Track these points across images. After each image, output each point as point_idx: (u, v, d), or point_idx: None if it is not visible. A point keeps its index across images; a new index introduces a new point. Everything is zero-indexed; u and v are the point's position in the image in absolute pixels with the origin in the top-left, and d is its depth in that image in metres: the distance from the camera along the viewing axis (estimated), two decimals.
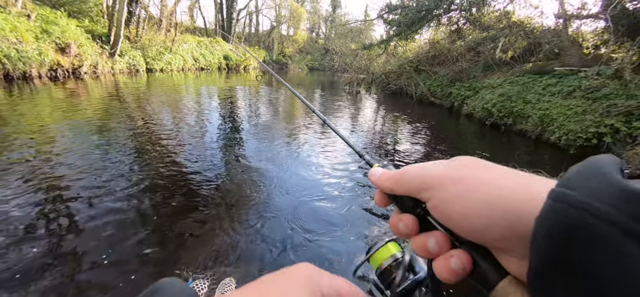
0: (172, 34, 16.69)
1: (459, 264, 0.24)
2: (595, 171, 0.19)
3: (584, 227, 0.17)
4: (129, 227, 2.31)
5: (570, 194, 0.18)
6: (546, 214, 0.19)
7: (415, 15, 11.15)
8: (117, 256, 2.00)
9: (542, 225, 0.19)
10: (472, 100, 8.37)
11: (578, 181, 0.18)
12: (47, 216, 2.36)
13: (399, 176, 0.29)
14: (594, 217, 0.16)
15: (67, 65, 10.25)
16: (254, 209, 2.71)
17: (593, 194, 0.17)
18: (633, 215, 0.16)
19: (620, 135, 4.69)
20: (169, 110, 6.79)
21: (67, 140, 4.10)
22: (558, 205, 0.18)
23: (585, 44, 7.99)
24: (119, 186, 2.92)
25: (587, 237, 0.17)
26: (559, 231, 0.18)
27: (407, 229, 0.28)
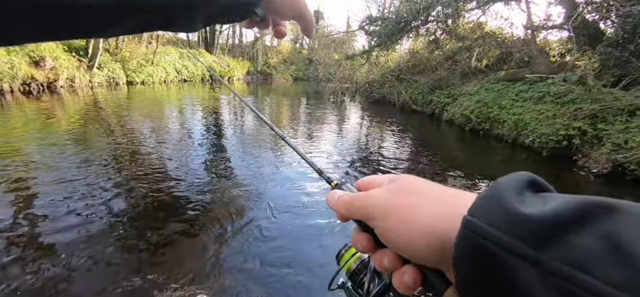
0: (154, 46, 16.43)
1: (410, 280, 0.27)
2: (495, 196, 0.22)
3: (483, 250, 0.20)
4: (101, 245, 2.25)
5: (473, 221, 0.21)
6: (458, 241, 0.22)
7: (395, 26, 11.55)
8: (88, 276, 1.95)
9: (456, 250, 0.22)
10: (452, 107, 8.71)
11: (480, 208, 0.22)
12: (19, 240, 2.27)
13: (349, 204, 0.31)
14: (489, 241, 0.20)
15: (42, 79, 9.87)
16: (232, 225, 2.70)
17: (489, 220, 0.20)
18: (519, 237, 0.19)
19: (588, 137, 5.02)
20: (148, 124, 6.66)
21: (39, 158, 3.94)
22: (466, 232, 0.21)
23: (552, 53, 8.55)
24: (94, 203, 2.84)
25: (485, 259, 0.20)
26: (465, 256, 0.21)
27: (364, 248, 0.31)
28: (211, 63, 21.49)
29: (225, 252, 2.24)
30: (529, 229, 0.19)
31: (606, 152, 4.49)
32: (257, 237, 2.46)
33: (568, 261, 0.17)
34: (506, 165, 5.27)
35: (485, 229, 0.20)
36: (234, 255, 2.23)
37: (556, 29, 8.40)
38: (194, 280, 1.95)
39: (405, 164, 4.83)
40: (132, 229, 2.47)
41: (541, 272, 0.17)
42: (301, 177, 3.80)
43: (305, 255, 2.29)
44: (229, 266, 2.11)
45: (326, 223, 2.73)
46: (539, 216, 0.19)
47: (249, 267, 2.10)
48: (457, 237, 0.22)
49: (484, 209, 0.21)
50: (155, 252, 2.19)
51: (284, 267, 2.14)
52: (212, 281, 1.95)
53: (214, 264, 2.12)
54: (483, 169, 4.76)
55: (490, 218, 0.20)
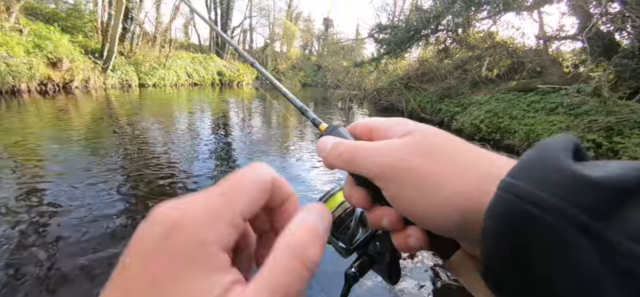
0: (166, 50, 16.80)
1: (416, 244, 0.25)
2: (545, 157, 0.18)
3: (529, 219, 0.16)
4: (112, 245, 2.27)
5: (517, 185, 0.17)
6: (493, 208, 0.18)
7: (405, 34, 11.56)
8: (100, 275, 1.96)
9: (491, 218, 0.18)
10: (461, 116, 8.62)
11: (526, 170, 0.18)
12: (33, 234, 2.31)
13: (350, 156, 0.25)
14: (539, 208, 0.16)
15: (58, 80, 10.17)
16: None
17: (540, 183, 0.16)
18: (580, 205, 0.15)
19: (603, 150, 4.89)
20: (159, 124, 6.77)
21: (53, 154, 4.04)
22: (505, 196, 0.17)
23: (565, 63, 8.41)
24: (105, 202, 2.88)
25: (533, 230, 0.16)
26: (504, 225, 0.17)
27: (360, 205, 0.27)
28: (221, 68, 21.83)
29: None
30: (594, 196, 0.15)
31: None
32: None
33: (635, 235, 0.14)
34: None
35: (534, 193, 0.16)
36: None
37: (569, 40, 8.27)
38: None
39: None
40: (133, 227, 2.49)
41: (605, 250, 0.14)
42: (309, 179, 3.79)
43: None
44: None
45: None
46: (603, 180, 0.15)
47: None
48: (491, 203, 0.18)
49: (532, 172, 0.17)
50: None
51: None
52: None
53: None
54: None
55: (541, 181, 0.17)
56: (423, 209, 0.22)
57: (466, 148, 0.24)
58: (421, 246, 0.25)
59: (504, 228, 0.17)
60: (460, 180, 0.22)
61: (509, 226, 0.17)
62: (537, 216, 0.16)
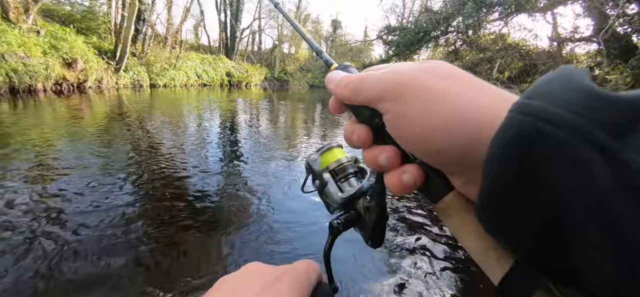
0: (177, 51, 17.09)
1: (410, 180, 0.23)
2: (565, 76, 0.16)
3: (540, 136, 0.15)
4: (124, 243, 2.31)
5: (532, 104, 0.16)
6: (503, 127, 0.16)
7: (414, 36, 11.48)
8: (111, 272, 1.99)
9: (497, 139, 0.16)
10: None
11: (543, 90, 0.16)
12: (46, 232, 2.37)
13: (358, 83, 0.25)
14: (553, 125, 0.14)
15: (73, 80, 10.45)
16: (253, 228, 2.71)
17: (556, 101, 0.15)
18: (598, 121, 0.14)
19: None
20: (170, 124, 6.87)
21: (66, 151, 4.14)
22: (517, 118, 0.16)
23: (580, 66, 8.18)
24: (118, 201, 2.93)
25: (542, 147, 0.15)
26: (514, 143, 0.16)
27: (360, 142, 0.26)
28: (230, 69, 22.07)
29: (239, 251, 2.25)
30: (615, 112, 0.14)
31: None
32: (272, 239, 2.46)
33: None
34: None
35: (548, 109, 0.15)
36: (247, 253, 2.23)
37: (584, 42, 8.07)
38: (205, 279, 1.96)
39: None
40: (148, 223, 2.52)
41: (619, 169, 0.13)
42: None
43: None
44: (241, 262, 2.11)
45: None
46: (625, 100, 0.14)
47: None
48: (501, 125, 0.16)
49: (549, 90, 0.16)
50: (169, 247, 2.23)
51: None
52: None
53: (228, 262, 2.12)
54: None
55: (558, 98, 0.15)
56: (424, 128, 0.21)
57: (479, 79, 0.22)
58: (415, 182, 0.24)
59: (510, 151, 0.16)
60: (470, 97, 0.20)
61: (517, 147, 0.15)
62: (549, 133, 0.14)
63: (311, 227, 2.72)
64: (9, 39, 8.53)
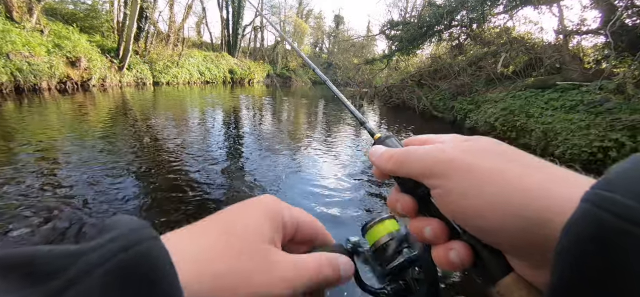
0: (179, 48, 17.11)
1: (457, 259, 0.22)
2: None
3: (624, 234, 0.14)
4: None
5: (610, 197, 0.15)
6: (577, 220, 0.15)
7: (417, 31, 11.36)
8: None
9: (573, 234, 0.15)
10: (475, 114, 8.40)
11: (621, 182, 0.15)
12: (52, 230, 2.39)
13: (402, 157, 0.26)
14: (638, 225, 0.13)
15: (77, 78, 10.52)
16: None
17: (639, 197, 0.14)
18: None
19: (626, 150, 4.66)
20: (175, 121, 6.90)
21: (71, 148, 4.17)
22: (593, 209, 0.15)
23: (586, 59, 8.06)
24: (123, 198, 2.95)
25: (629, 247, 0.13)
26: (592, 239, 0.14)
27: (404, 210, 0.26)
28: (232, 66, 22.06)
29: None
30: None
31: None
32: None
33: None
34: None
35: (635, 207, 0.14)
36: None
37: (591, 34, 7.92)
38: None
39: None
40: (154, 217, 2.54)
41: None
42: (319, 172, 3.78)
43: None
44: None
45: (348, 219, 2.69)
46: None
47: None
48: (573, 215, 0.16)
49: (631, 183, 0.15)
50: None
51: None
52: None
53: None
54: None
55: (637, 196, 0.14)
56: (476, 207, 0.20)
57: (524, 152, 0.23)
58: (463, 261, 0.22)
59: (588, 244, 0.15)
60: (521, 175, 0.20)
61: (596, 241, 0.14)
62: (636, 233, 0.13)
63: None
64: (14, 39, 8.59)
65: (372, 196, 3.42)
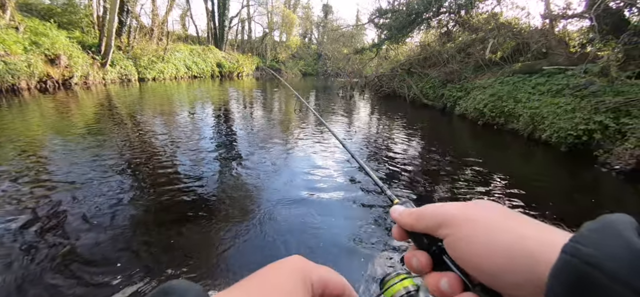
0: (164, 42, 16.63)
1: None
2: (611, 230, 0.19)
3: (596, 285, 0.17)
4: (119, 240, 2.27)
5: (584, 251, 0.18)
6: (560, 268, 0.19)
7: (406, 19, 11.30)
8: (111, 267, 1.96)
9: (556, 278, 0.19)
10: (464, 101, 8.48)
11: (593, 238, 0.19)
12: (40, 232, 2.31)
13: (419, 213, 0.30)
14: (607, 277, 0.17)
15: (57, 77, 10.13)
16: (248, 222, 2.69)
17: (607, 253, 0.17)
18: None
19: (610, 132, 4.78)
20: (162, 119, 6.73)
21: (57, 152, 4.03)
22: (573, 260, 0.18)
23: (572, 43, 8.18)
24: (111, 197, 2.87)
25: (600, 294, 0.17)
26: (571, 287, 0.18)
27: (420, 266, 0.29)
28: (220, 59, 21.61)
29: (234, 247, 2.23)
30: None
31: (630, 148, 4.26)
32: (266, 233, 2.43)
33: None
34: (524, 161, 5.08)
35: (600, 261, 0.17)
36: (254, 252, 2.21)
37: (576, 18, 8.03)
38: (209, 275, 1.94)
39: (416, 159, 4.72)
40: (144, 221, 2.48)
41: None
42: (310, 172, 3.76)
43: (316, 245, 2.25)
44: (237, 261, 2.09)
45: (339, 211, 2.69)
46: None
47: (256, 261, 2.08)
48: (555, 267, 0.19)
49: (596, 240, 0.19)
50: (167, 244, 2.19)
51: None
52: (229, 278, 1.94)
53: (233, 261, 2.10)
54: (498, 164, 4.59)
55: (605, 250, 0.18)
56: (482, 252, 0.24)
57: (518, 213, 0.27)
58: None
59: (569, 290, 0.18)
60: (525, 228, 0.24)
61: (574, 289, 0.18)
62: (605, 285, 0.17)
63: (305, 220, 2.70)
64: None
65: (354, 183, 3.42)
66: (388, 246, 2.34)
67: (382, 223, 2.67)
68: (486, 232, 0.25)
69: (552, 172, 4.51)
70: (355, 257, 2.23)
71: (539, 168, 4.72)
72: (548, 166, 4.79)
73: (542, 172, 4.49)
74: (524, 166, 4.80)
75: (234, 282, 0.27)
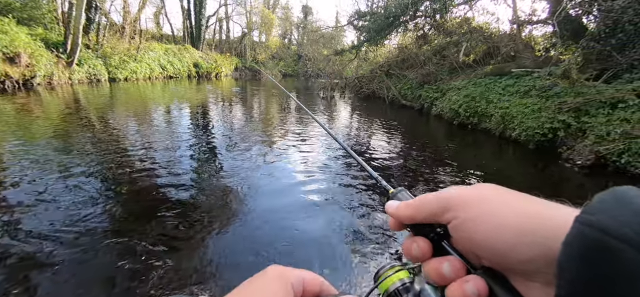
0: (137, 41, 15.90)
1: (474, 290, 0.24)
2: (622, 199, 0.19)
3: (610, 250, 0.18)
4: (95, 252, 2.14)
5: (596, 220, 0.19)
6: (572, 239, 0.19)
7: (384, 21, 11.55)
8: (84, 280, 1.84)
9: (569, 249, 0.19)
10: (440, 101, 8.80)
11: (604, 208, 0.19)
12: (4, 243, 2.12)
13: (419, 202, 0.29)
14: (619, 240, 0.17)
15: (17, 76, 9.40)
16: (231, 224, 2.63)
17: (619, 220, 0.18)
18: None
19: (572, 129, 5.15)
20: (134, 121, 6.43)
21: (19, 159, 3.73)
22: (584, 229, 0.19)
23: (537, 47, 8.74)
24: (83, 207, 2.70)
25: (612, 261, 0.17)
26: (584, 255, 0.18)
27: (421, 252, 0.28)
28: (197, 59, 20.99)
29: (228, 252, 2.17)
30: None
31: (589, 144, 4.61)
32: (248, 232, 2.39)
33: None
34: (495, 158, 5.35)
35: (612, 226, 0.18)
36: (237, 255, 2.15)
37: (541, 24, 8.58)
38: (193, 281, 1.87)
39: (394, 158, 4.83)
40: (122, 230, 2.35)
41: None
42: (289, 171, 3.74)
43: (301, 240, 2.24)
44: (231, 267, 2.03)
45: (318, 210, 2.69)
46: None
47: (243, 263, 2.04)
48: (568, 236, 0.20)
49: (607, 208, 0.19)
50: (154, 257, 2.09)
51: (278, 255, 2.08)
52: (214, 282, 1.88)
53: (217, 265, 2.04)
54: (472, 162, 4.81)
55: (617, 216, 0.18)
56: (489, 231, 0.24)
57: (525, 194, 0.27)
58: (479, 293, 0.24)
59: (582, 259, 0.18)
60: (533, 205, 0.24)
61: (588, 257, 0.18)
62: (619, 248, 0.17)
63: (286, 220, 2.68)
64: None
65: (345, 175, 3.45)
66: (381, 237, 2.37)
67: (374, 211, 2.71)
68: (495, 210, 0.24)
69: (521, 168, 4.78)
70: (349, 250, 2.24)
71: (509, 164, 4.99)
72: (518, 162, 5.07)
73: (512, 168, 4.75)
74: (496, 163, 5.05)
75: (219, 283, 0.26)
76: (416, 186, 3.68)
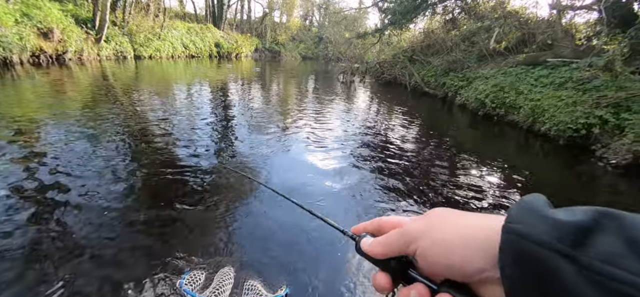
0: (161, 19, 16.17)
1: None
2: (529, 207, 0.25)
3: (530, 251, 0.22)
4: (122, 220, 2.25)
5: (515, 227, 0.24)
6: (503, 246, 0.24)
7: (411, 3, 11.01)
8: (111, 249, 1.94)
9: (503, 255, 0.24)
10: (466, 90, 8.39)
11: (518, 217, 0.24)
12: (39, 213, 2.28)
13: (386, 240, 0.33)
14: (535, 243, 0.22)
15: (51, 51, 9.87)
16: (250, 199, 2.67)
17: (530, 226, 0.23)
18: (558, 238, 0.22)
19: (609, 127, 4.76)
20: (161, 99, 6.61)
21: (52, 131, 3.95)
22: (509, 237, 0.24)
23: (578, 35, 8.04)
24: (111, 178, 2.83)
25: (530, 261, 0.22)
26: (516, 259, 0.23)
27: (384, 286, 0.32)
28: (219, 39, 21.12)
29: (248, 225, 2.22)
30: (567, 232, 0.22)
31: (628, 143, 4.26)
32: (279, 213, 2.43)
33: (601, 258, 0.19)
34: (522, 152, 5.07)
35: (529, 233, 0.23)
36: (256, 228, 2.20)
37: (585, 10, 7.85)
38: (216, 251, 1.94)
39: (413, 147, 4.69)
40: (141, 203, 2.46)
41: (580, 269, 0.20)
42: (306, 159, 3.74)
43: (304, 233, 2.25)
44: (251, 239, 2.08)
45: (331, 202, 2.68)
46: (572, 221, 0.22)
47: (273, 240, 2.08)
48: (501, 244, 0.24)
49: (523, 217, 0.24)
50: (163, 228, 2.18)
51: (286, 246, 2.11)
52: (235, 252, 1.94)
53: (237, 237, 2.10)
54: (494, 155, 4.58)
55: (530, 224, 0.23)
56: (451, 248, 0.28)
57: (464, 212, 0.31)
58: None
59: (512, 263, 0.23)
60: (476, 221, 0.28)
61: (515, 260, 0.23)
62: (533, 250, 0.22)
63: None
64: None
65: (356, 167, 3.41)
66: None
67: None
68: (444, 232, 0.28)
69: (549, 164, 4.51)
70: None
71: (535, 160, 4.72)
72: (545, 158, 4.79)
73: (538, 164, 4.49)
74: (521, 157, 4.79)
75: (241, 255, 0.23)
76: (432, 180, 3.57)
